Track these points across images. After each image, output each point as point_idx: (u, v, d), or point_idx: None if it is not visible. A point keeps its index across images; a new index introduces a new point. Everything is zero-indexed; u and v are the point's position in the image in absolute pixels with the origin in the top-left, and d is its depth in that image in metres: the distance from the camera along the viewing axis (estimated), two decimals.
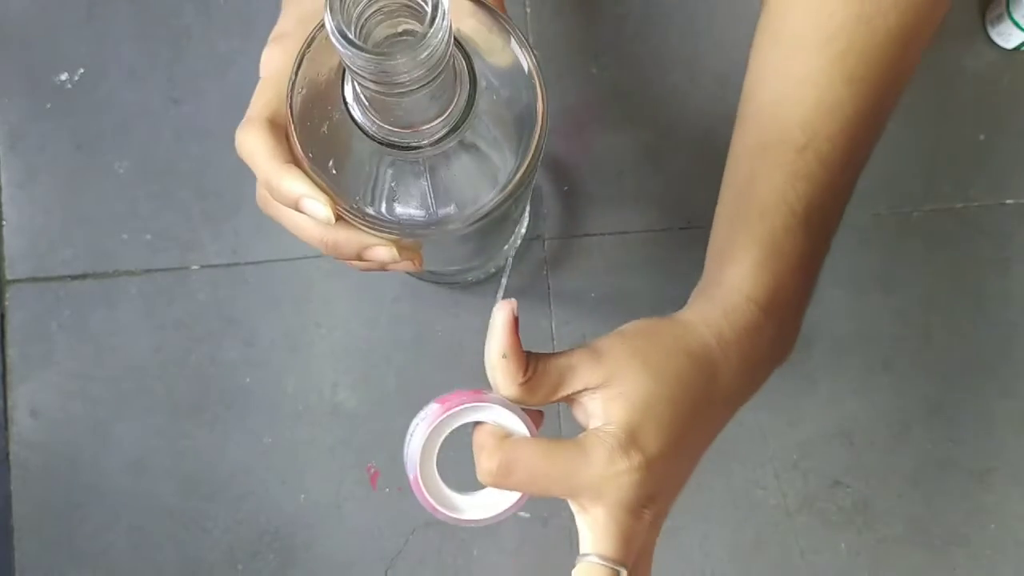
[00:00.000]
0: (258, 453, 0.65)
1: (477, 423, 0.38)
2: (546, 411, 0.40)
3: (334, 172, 0.37)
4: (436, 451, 0.38)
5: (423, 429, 0.37)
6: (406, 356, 0.66)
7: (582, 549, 0.37)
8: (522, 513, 0.63)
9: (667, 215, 0.67)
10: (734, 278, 0.41)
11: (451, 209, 0.38)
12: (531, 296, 0.66)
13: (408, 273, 0.65)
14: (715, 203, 0.67)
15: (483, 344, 0.65)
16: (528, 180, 0.38)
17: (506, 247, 0.61)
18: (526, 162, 0.37)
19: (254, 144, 0.38)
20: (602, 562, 0.36)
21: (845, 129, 0.43)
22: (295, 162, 0.37)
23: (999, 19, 0.66)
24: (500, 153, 0.39)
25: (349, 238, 0.39)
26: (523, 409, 0.38)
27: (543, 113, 0.38)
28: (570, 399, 0.38)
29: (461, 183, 0.38)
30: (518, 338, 0.37)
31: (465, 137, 0.36)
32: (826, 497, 0.64)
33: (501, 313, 0.37)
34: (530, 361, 0.37)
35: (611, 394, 0.37)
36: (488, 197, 0.38)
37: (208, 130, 0.67)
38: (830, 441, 0.65)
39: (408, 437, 0.38)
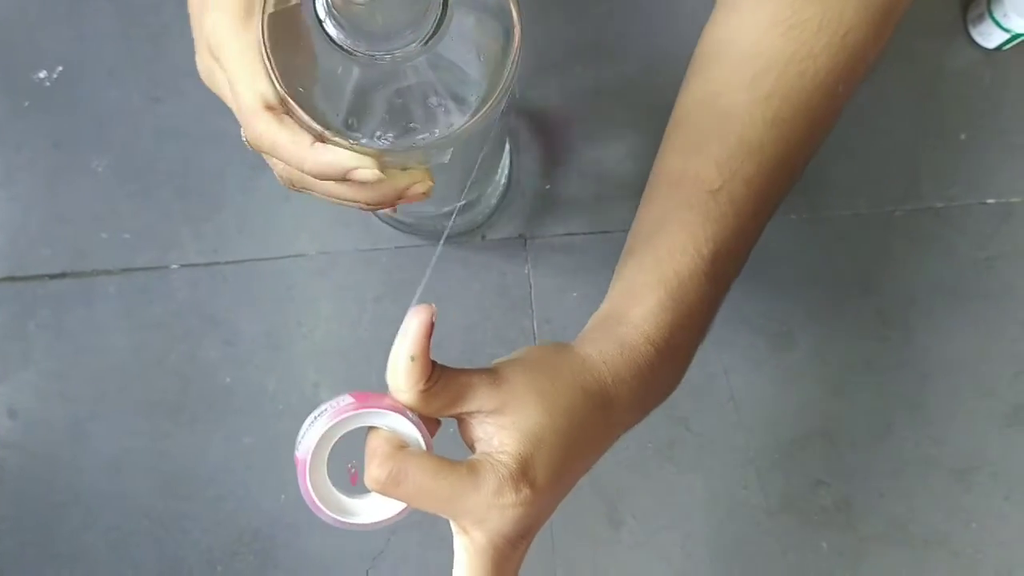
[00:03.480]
0: (238, 453, 0.64)
1: (372, 428, 0.38)
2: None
3: (314, 102, 0.37)
4: (330, 445, 0.37)
5: (327, 418, 0.37)
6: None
7: (455, 571, 0.38)
8: None
9: None
10: (636, 317, 0.42)
11: (428, 127, 0.38)
12: (512, 295, 0.66)
13: (388, 222, 0.65)
14: None
15: (462, 345, 0.65)
16: (506, 90, 0.37)
17: (490, 189, 0.61)
18: (506, 67, 0.37)
19: (274, 135, 0.37)
20: None
21: (763, 172, 0.44)
22: (310, 132, 0.37)
23: (980, 19, 0.67)
24: (476, 69, 0.39)
25: (390, 187, 0.38)
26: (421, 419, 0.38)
27: (519, 21, 0.38)
28: (462, 417, 0.38)
29: (439, 99, 0.38)
30: (429, 344, 0.37)
31: (440, 52, 0.36)
32: (808, 496, 0.64)
33: (418, 316, 0.37)
34: (434, 370, 0.37)
35: (504, 422, 0.37)
36: (467, 112, 0.38)
37: (188, 129, 0.67)
38: (811, 441, 0.65)
39: (309, 421, 0.38)
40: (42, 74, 0.68)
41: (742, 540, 0.64)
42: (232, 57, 0.36)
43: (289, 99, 0.35)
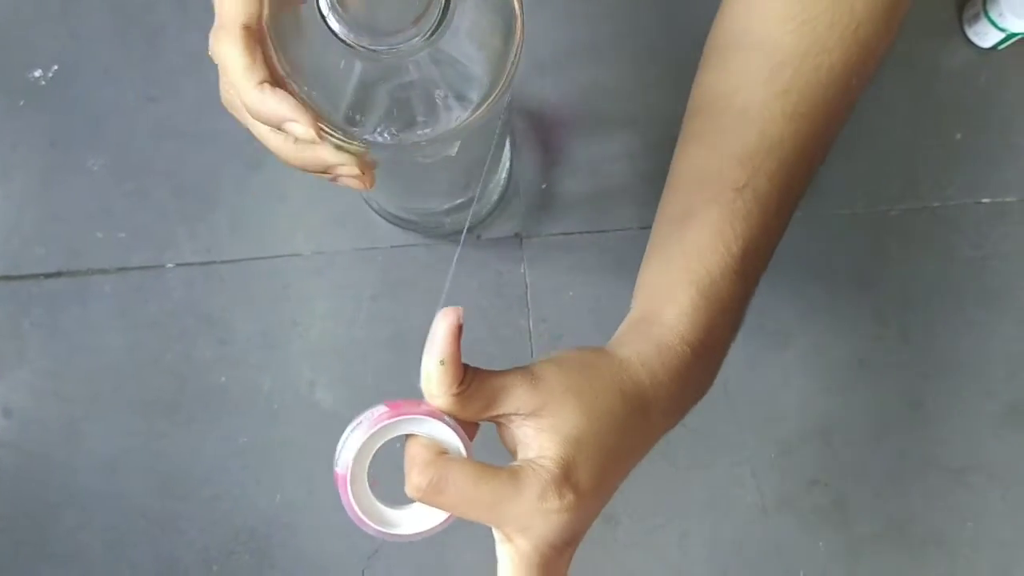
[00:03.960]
0: (233, 452, 0.64)
1: (410, 436, 0.37)
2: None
3: (311, 92, 0.37)
4: (370, 456, 0.37)
5: (364, 429, 0.36)
6: (383, 355, 0.65)
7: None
8: None
9: (646, 213, 0.67)
10: (670, 318, 0.41)
11: (430, 122, 0.38)
12: (508, 294, 0.66)
13: (387, 218, 0.65)
14: None
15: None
16: (508, 85, 0.37)
17: (492, 185, 0.61)
18: (508, 61, 0.37)
19: (230, 54, 0.35)
20: None
21: (784, 166, 0.44)
22: (273, 75, 0.36)
23: (976, 18, 0.67)
24: (478, 63, 0.39)
25: (315, 156, 0.38)
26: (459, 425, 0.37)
27: (520, 14, 0.38)
28: (499, 420, 0.38)
29: (442, 94, 0.38)
30: (459, 347, 0.36)
31: (443, 47, 0.36)
32: (804, 495, 0.64)
33: (446, 320, 0.36)
34: (467, 373, 0.37)
35: (543, 425, 0.37)
36: (469, 107, 0.38)
37: (183, 128, 0.67)
38: (808, 440, 0.65)
39: (346, 435, 0.37)
40: (37, 73, 0.68)
41: (738, 539, 0.64)
42: None
43: (268, 30, 0.35)
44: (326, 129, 0.36)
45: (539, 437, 0.37)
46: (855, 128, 0.68)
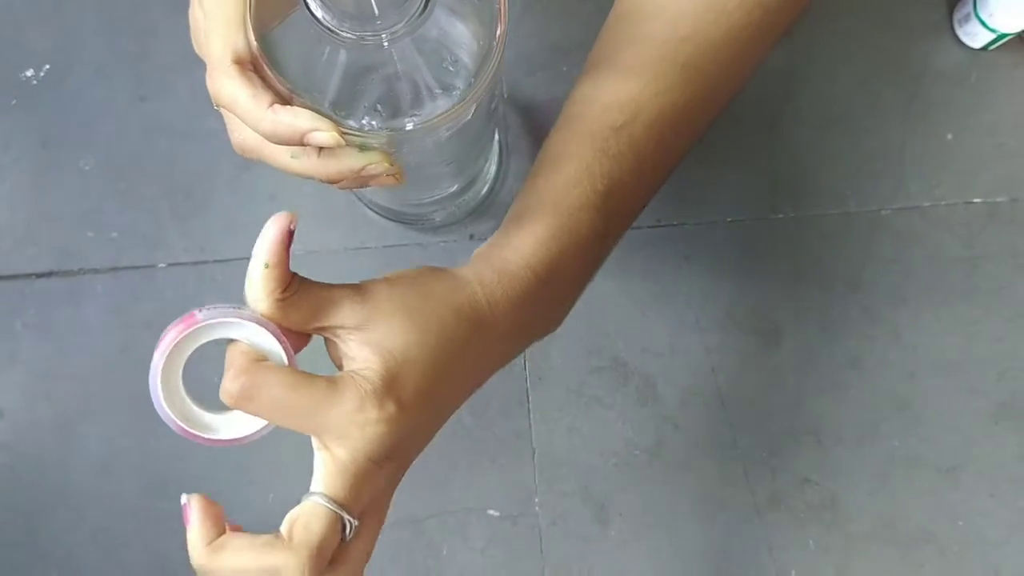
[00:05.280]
0: (226, 452, 0.64)
1: (232, 341, 0.37)
2: None
3: (299, 86, 0.37)
4: (184, 357, 0.36)
5: (179, 329, 0.36)
6: None
7: (312, 486, 0.36)
8: (491, 511, 0.63)
9: None
10: (519, 243, 0.41)
11: (417, 112, 0.38)
12: None
13: (377, 211, 0.65)
14: (684, 201, 0.67)
15: None
16: (492, 73, 0.38)
17: (481, 177, 0.62)
18: (493, 49, 0.37)
19: (233, 90, 0.35)
20: (329, 504, 0.35)
21: (666, 116, 0.43)
22: (279, 95, 0.36)
23: (966, 19, 0.67)
24: (463, 51, 0.39)
25: (347, 161, 0.38)
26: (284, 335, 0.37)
27: (503, 3, 0.38)
28: (325, 332, 0.38)
29: (427, 82, 0.39)
30: (287, 254, 0.36)
31: (426, 34, 0.36)
32: (795, 494, 0.64)
33: (276, 223, 0.36)
34: (293, 280, 0.36)
35: (369, 338, 0.36)
36: (454, 96, 0.38)
37: (175, 127, 0.67)
38: (798, 439, 0.65)
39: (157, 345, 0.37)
40: (29, 72, 0.68)
41: (730, 538, 0.64)
42: (214, 4, 0.36)
43: (260, 54, 0.35)
44: (347, 131, 0.36)
45: (363, 350, 0.36)
46: (846, 128, 0.68)
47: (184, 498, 0.38)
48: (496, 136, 0.63)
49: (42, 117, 0.67)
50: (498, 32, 0.37)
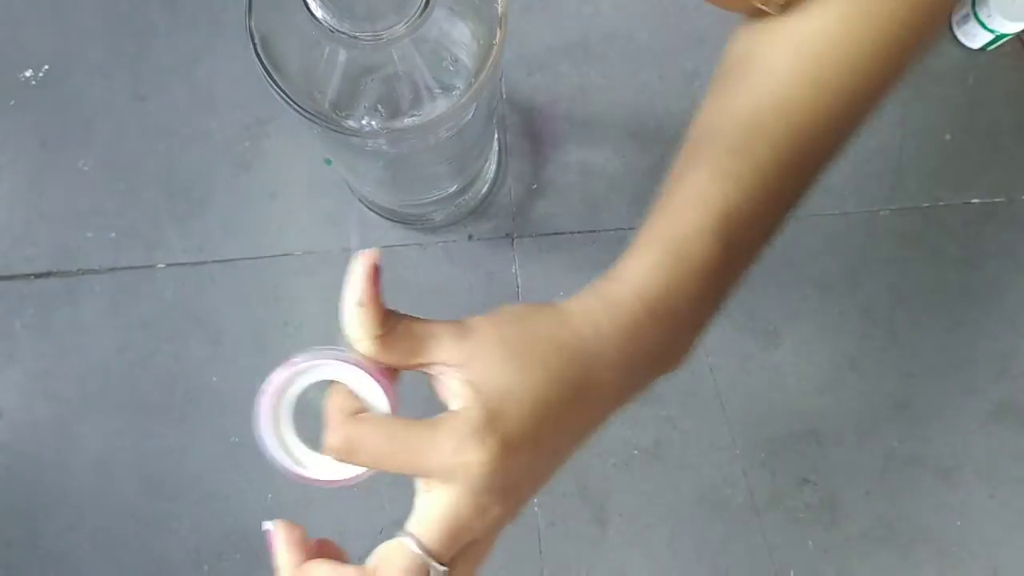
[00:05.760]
0: (225, 452, 0.64)
1: (331, 388, 0.37)
2: None
3: (317, 95, 0.37)
4: (289, 408, 0.37)
5: (272, 382, 0.36)
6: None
7: (408, 524, 0.36)
8: None
9: (637, 213, 0.67)
10: (628, 272, 0.39)
11: (417, 111, 0.38)
12: (500, 294, 0.66)
13: (375, 211, 0.65)
14: None
15: None
16: (491, 73, 0.38)
17: (480, 178, 0.62)
18: (492, 48, 0.37)
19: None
20: (416, 548, 0.35)
21: (793, 135, 0.40)
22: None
23: (965, 19, 0.67)
24: (463, 51, 0.39)
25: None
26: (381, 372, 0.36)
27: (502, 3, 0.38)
28: (427, 369, 0.37)
29: (426, 82, 0.39)
30: (377, 289, 0.35)
31: (426, 34, 0.36)
32: (794, 495, 0.64)
33: (360, 262, 0.36)
34: (389, 316, 0.36)
35: (470, 376, 0.35)
36: (454, 95, 0.38)
37: (173, 127, 0.67)
38: (797, 439, 0.65)
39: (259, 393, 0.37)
40: (28, 73, 0.67)
41: (728, 538, 0.64)
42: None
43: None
44: (331, 126, 0.36)
45: (464, 388, 0.35)
46: None
47: (267, 525, 0.37)
48: (496, 136, 0.63)
49: (41, 117, 0.67)
50: (498, 32, 0.38)
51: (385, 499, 0.63)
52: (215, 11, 0.68)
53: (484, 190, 0.65)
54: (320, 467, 0.37)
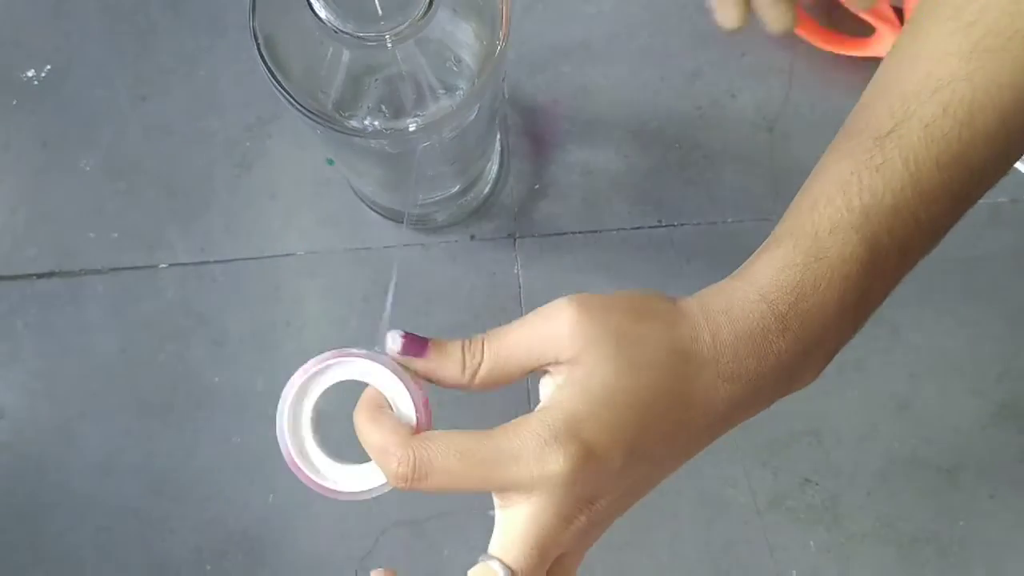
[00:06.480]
0: (227, 453, 0.64)
1: (365, 415, 0.35)
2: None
3: (322, 94, 0.37)
4: (309, 415, 0.35)
5: (301, 370, 0.35)
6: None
7: (490, 547, 0.33)
8: (492, 512, 0.63)
9: (639, 213, 0.67)
10: (755, 271, 0.35)
11: (420, 111, 0.38)
12: (502, 295, 0.66)
13: (376, 211, 0.65)
14: (686, 201, 0.67)
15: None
16: (494, 73, 0.38)
17: (482, 178, 0.62)
18: (495, 48, 0.37)
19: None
20: (503, 572, 0.32)
21: (951, 113, 0.34)
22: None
23: None
24: (466, 51, 0.39)
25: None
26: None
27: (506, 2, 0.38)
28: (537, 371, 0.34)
29: (429, 81, 0.39)
30: (418, 384, 0.34)
31: (430, 35, 0.36)
32: (795, 495, 0.64)
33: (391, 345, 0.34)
34: (483, 348, 0.34)
35: (572, 377, 0.33)
36: (456, 96, 0.38)
37: (175, 127, 0.67)
38: (799, 439, 0.65)
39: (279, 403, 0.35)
40: (30, 73, 0.67)
41: (730, 539, 0.64)
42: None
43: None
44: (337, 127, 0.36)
45: (559, 389, 0.33)
46: None
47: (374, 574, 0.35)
48: (498, 136, 0.63)
49: (42, 117, 0.67)
50: (501, 32, 0.38)
51: (386, 499, 0.63)
52: (216, 11, 0.68)
53: (486, 190, 0.65)
54: (342, 476, 0.35)
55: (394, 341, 0.34)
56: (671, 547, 0.64)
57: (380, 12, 0.34)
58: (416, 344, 0.34)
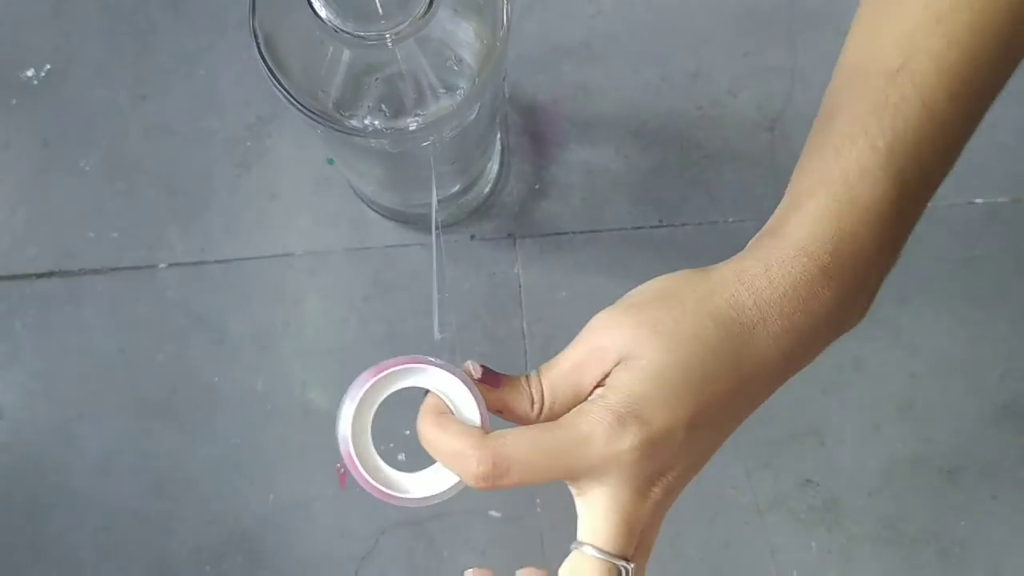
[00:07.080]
0: (226, 453, 0.64)
1: (430, 420, 0.35)
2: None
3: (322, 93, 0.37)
4: (370, 423, 0.35)
5: (352, 395, 0.35)
6: (377, 355, 0.64)
7: (580, 535, 0.34)
8: (492, 512, 0.63)
9: (639, 213, 0.67)
10: (788, 226, 0.35)
11: (420, 110, 0.38)
12: (502, 295, 0.66)
13: (377, 212, 0.65)
14: (686, 201, 0.67)
15: (451, 345, 0.64)
16: (494, 72, 0.37)
17: (483, 178, 0.62)
18: (495, 48, 0.37)
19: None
20: (600, 555, 0.34)
21: (956, 44, 0.35)
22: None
23: None
24: (466, 50, 0.39)
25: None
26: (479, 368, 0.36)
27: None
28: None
29: (430, 81, 0.39)
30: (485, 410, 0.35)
31: (430, 34, 0.36)
32: (797, 496, 0.64)
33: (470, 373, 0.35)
34: (543, 391, 0.35)
35: (624, 368, 0.34)
36: (457, 95, 0.38)
37: (175, 127, 0.67)
38: (800, 440, 0.65)
39: (339, 409, 0.35)
40: (30, 72, 0.67)
41: (731, 539, 0.64)
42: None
43: None
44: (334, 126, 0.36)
45: (615, 375, 0.34)
46: None
47: (468, 573, 0.36)
48: (498, 138, 0.63)
49: (42, 117, 0.67)
50: (501, 32, 0.37)
51: (384, 504, 0.63)
52: (216, 10, 0.68)
53: (487, 190, 0.65)
54: (411, 484, 0.35)
55: (475, 370, 0.36)
56: (672, 547, 0.64)
57: (380, 11, 0.34)
58: (493, 378, 0.36)
